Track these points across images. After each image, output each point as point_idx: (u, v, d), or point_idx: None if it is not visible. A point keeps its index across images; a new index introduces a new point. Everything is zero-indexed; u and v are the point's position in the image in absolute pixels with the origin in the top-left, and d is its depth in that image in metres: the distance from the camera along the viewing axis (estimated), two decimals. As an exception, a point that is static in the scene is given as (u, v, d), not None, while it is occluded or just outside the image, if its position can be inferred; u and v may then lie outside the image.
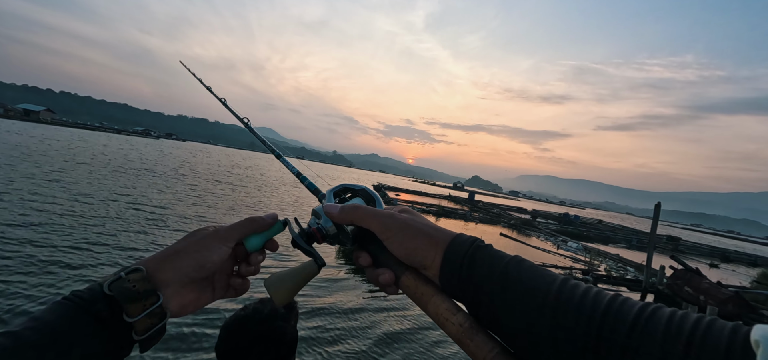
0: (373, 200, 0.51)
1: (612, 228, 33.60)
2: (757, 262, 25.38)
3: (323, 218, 0.48)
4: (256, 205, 13.83)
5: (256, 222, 0.48)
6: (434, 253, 0.41)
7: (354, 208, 0.46)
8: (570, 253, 15.13)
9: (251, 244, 0.48)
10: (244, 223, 0.48)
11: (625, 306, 0.30)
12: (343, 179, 19.20)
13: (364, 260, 0.48)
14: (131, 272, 0.40)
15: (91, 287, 0.39)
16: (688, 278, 9.31)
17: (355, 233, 0.48)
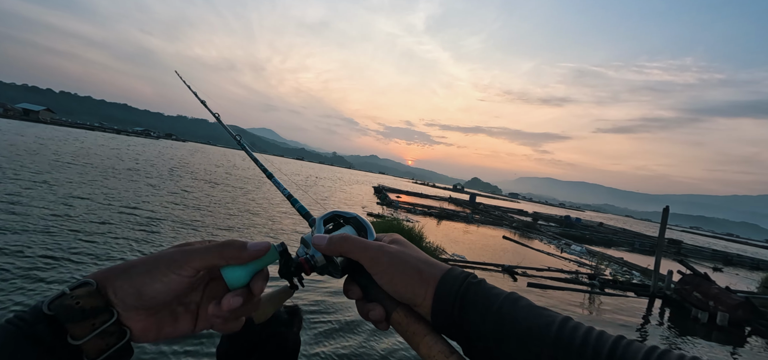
0: (364, 229, 0.48)
1: (614, 231, 33.48)
2: (759, 265, 25.26)
3: (312, 248, 0.45)
4: (244, 215, 13.67)
5: (229, 249, 0.38)
6: (425, 290, 0.39)
7: (343, 239, 0.43)
8: (574, 256, 14.99)
9: (231, 278, 0.39)
10: (212, 248, 0.38)
11: (630, 350, 0.28)
12: (343, 180, 19.04)
13: (353, 294, 0.45)
14: (77, 287, 0.34)
15: (34, 307, 0.33)
16: (697, 283, 9.17)
17: (345, 264, 0.45)
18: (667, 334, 7.38)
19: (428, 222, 17.66)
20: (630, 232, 36.60)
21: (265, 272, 0.41)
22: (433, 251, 8.71)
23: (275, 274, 0.40)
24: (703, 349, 6.73)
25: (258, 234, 8.82)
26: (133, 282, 0.35)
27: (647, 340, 6.78)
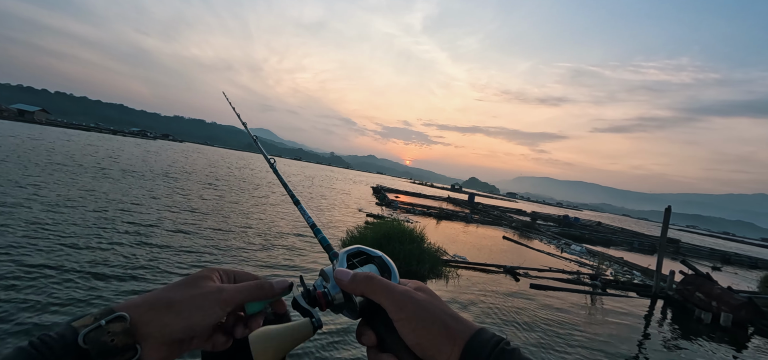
0: (388, 271, 0.46)
1: (613, 230, 33.52)
2: (757, 264, 25.34)
3: (331, 282, 0.43)
4: (259, 226, 13.49)
5: (264, 290, 0.43)
6: (451, 349, 0.36)
7: (368, 278, 0.41)
8: (574, 256, 14.94)
9: (252, 308, 0.44)
10: (251, 288, 0.42)
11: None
12: (341, 180, 18.85)
13: (367, 339, 0.42)
14: (112, 320, 0.34)
15: (62, 333, 0.33)
16: (700, 284, 9.12)
17: (364, 306, 0.42)
18: (670, 335, 7.30)
19: (427, 222, 17.58)
20: (628, 231, 36.68)
21: (281, 302, 0.46)
22: (434, 252, 8.62)
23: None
24: (707, 350, 6.66)
25: (261, 248, 8.69)
26: (183, 316, 0.36)
27: (650, 341, 6.71)
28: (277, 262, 7.26)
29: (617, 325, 7.23)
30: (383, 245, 7.82)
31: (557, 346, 5.59)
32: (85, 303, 4.40)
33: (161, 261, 6.16)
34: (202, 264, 5.94)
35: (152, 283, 5.24)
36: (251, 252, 7.63)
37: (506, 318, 6.34)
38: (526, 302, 7.45)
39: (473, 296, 7.18)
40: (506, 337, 0.35)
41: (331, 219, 13.94)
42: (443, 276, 8.12)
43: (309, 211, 0.58)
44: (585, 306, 8.14)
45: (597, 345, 5.89)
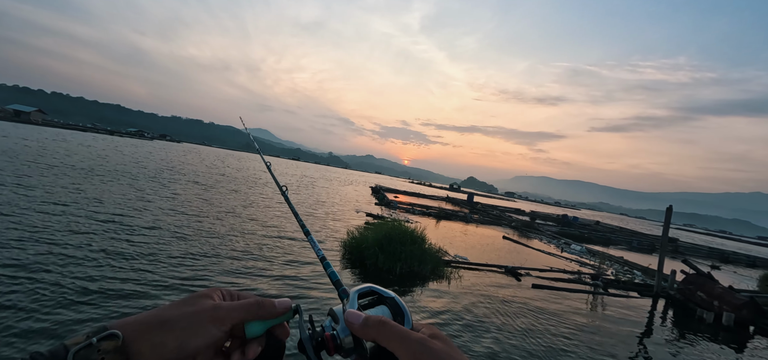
0: (401, 314, 0.42)
1: (611, 229, 33.57)
2: (755, 263, 25.43)
3: (341, 324, 0.40)
4: (253, 230, 13.37)
5: (264, 308, 0.41)
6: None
7: (381, 323, 0.38)
8: (575, 256, 14.92)
9: (252, 330, 0.41)
10: (250, 306, 0.40)
11: None
12: (339, 180, 18.66)
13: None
14: (104, 338, 0.34)
15: (54, 352, 0.33)
16: (701, 283, 9.11)
17: (374, 352, 0.39)
18: (672, 335, 7.27)
19: (427, 222, 17.52)
20: (627, 230, 36.74)
21: (284, 326, 0.43)
22: (435, 253, 8.57)
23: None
24: (709, 350, 6.63)
25: (258, 264, 8.60)
26: (176, 335, 0.35)
27: (653, 341, 6.67)
28: (275, 278, 7.19)
29: (619, 324, 7.18)
30: (384, 246, 7.77)
31: (561, 346, 5.55)
32: (45, 318, 3.91)
33: (131, 273, 5.48)
34: (183, 279, 5.79)
35: (123, 297, 4.88)
36: (246, 264, 7.56)
37: (509, 319, 6.29)
38: (528, 302, 7.40)
39: (476, 297, 7.13)
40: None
41: (330, 220, 13.88)
42: (445, 277, 8.07)
43: (315, 234, 0.52)
44: (587, 306, 8.10)
45: (600, 345, 5.85)
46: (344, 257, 8.30)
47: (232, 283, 5.75)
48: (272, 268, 6.84)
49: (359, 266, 7.73)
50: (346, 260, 8.14)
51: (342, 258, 8.26)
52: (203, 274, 5.88)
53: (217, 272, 6.11)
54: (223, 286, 0.58)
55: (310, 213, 14.66)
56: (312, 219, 13.21)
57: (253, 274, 6.33)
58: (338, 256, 8.39)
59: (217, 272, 6.11)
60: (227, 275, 6.06)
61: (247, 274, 6.31)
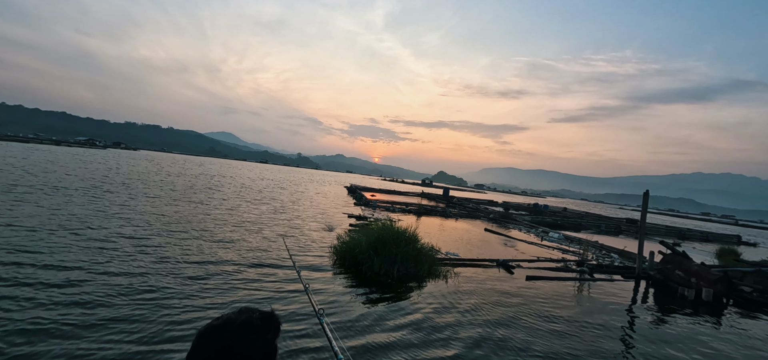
0: None
1: (579, 215, 35.17)
2: (708, 238, 27.58)
3: None
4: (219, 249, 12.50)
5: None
6: None
7: None
8: (554, 243, 15.35)
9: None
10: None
11: None
12: (312, 181, 17.95)
13: None
14: None
15: None
16: (678, 262, 9.57)
17: None
18: (658, 315, 7.53)
19: (408, 219, 17.40)
20: (593, 214, 38.69)
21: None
22: (428, 252, 8.39)
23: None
24: (693, 325, 6.89)
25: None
26: None
27: (641, 321, 6.87)
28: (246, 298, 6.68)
29: (608, 308, 7.36)
30: (379, 249, 7.48)
31: (559, 333, 5.63)
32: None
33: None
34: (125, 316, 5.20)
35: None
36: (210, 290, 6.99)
37: (510, 312, 6.24)
38: (524, 294, 7.42)
39: (475, 294, 7.02)
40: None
41: (314, 224, 13.35)
42: (441, 276, 7.90)
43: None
44: (576, 292, 8.25)
45: (593, 329, 5.98)
46: (336, 264, 7.91)
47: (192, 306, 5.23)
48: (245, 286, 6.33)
49: (354, 272, 7.38)
50: (339, 267, 7.76)
51: (334, 265, 7.87)
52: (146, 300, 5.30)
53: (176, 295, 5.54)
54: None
55: (290, 220, 14.04)
56: (296, 224, 12.63)
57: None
58: (330, 263, 7.98)
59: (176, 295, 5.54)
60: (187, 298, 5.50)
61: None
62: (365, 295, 6.24)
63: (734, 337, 6.54)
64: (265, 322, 0.88)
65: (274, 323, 0.91)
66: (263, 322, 0.88)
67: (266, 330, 0.87)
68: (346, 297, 6.04)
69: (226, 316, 0.86)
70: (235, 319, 0.84)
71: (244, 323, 0.84)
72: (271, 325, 0.89)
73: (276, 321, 0.92)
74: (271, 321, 0.90)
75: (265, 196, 21.59)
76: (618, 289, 8.98)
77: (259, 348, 0.84)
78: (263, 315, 0.90)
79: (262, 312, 0.90)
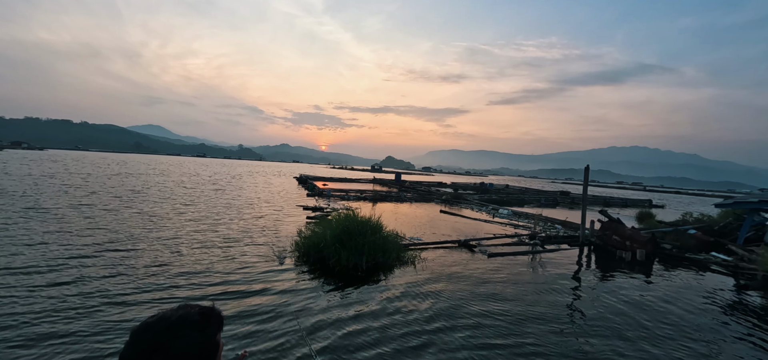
0: None
1: (521, 190, 37.80)
2: (626, 203, 31.29)
3: None
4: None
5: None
6: None
7: None
8: (505, 219, 16.23)
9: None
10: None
11: None
12: (258, 173, 17.03)
13: None
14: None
15: None
16: (614, 228, 10.59)
17: None
18: (600, 275, 8.31)
19: (364, 206, 17.23)
20: (532, 190, 41.85)
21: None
22: (393, 238, 8.28)
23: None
24: (629, 281, 7.70)
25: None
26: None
27: (588, 282, 7.56)
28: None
29: (559, 274, 8.00)
30: (345, 242, 7.18)
31: (522, 300, 6.06)
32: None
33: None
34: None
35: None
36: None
37: (478, 288, 6.47)
38: (488, 270, 7.70)
39: (443, 276, 7.09)
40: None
41: (270, 220, 12.55)
42: (409, 262, 7.86)
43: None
44: (532, 263, 8.79)
45: (550, 293, 6.58)
46: (300, 260, 7.46)
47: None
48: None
49: (321, 268, 7.00)
50: (304, 263, 7.32)
51: (298, 261, 7.41)
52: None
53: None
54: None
55: (243, 216, 13.06)
56: (250, 221, 11.75)
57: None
58: (293, 261, 7.50)
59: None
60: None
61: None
62: (336, 291, 5.95)
63: (663, 286, 7.54)
64: (205, 316, 0.85)
65: (214, 318, 0.88)
66: (202, 316, 0.85)
67: (206, 325, 0.85)
68: (317, 295, 5.69)
69: (162, 312, 0.83)
70: (171, 315, 0.82)
71: (182, 318, 0.82)
72: (211, 320, 0.86)
73: (217, 315, 0.89)
74: (211, 315, 0.87)
75: (205, 194, 19.91)
76: (566, 257, 9.74)
77: (197, 343, 0.81)
78: (203, 309, 0.87)
79: (201, 307, 0.87)
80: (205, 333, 0.84)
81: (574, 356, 4.36)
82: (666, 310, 6.12)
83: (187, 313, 0.84)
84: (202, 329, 0.84)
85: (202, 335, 0.84)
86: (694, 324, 5.63)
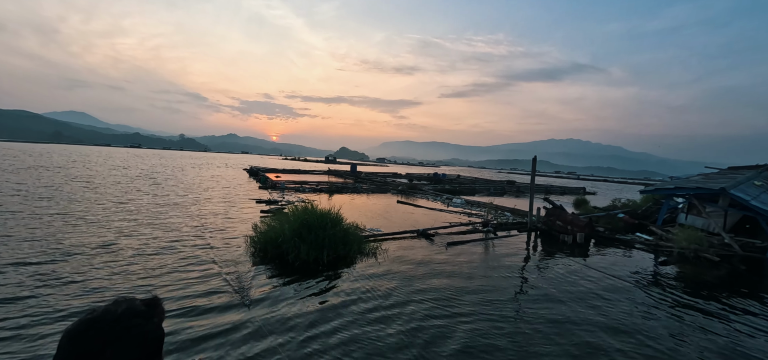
0: None
1: (472, 180, 39.53)
2: (565, 191, 34.11)
3: None
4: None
5: None
6: None
7: None
8: (459, 208, 16.86)
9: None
10: None
11: None
12: (204, 165, 16.12)
13: None
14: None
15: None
16: (558, 214, 11.46)
17: None
18: (545, 257, 9.02)
19: (320, 198, 16.91)
20: (482, 179, 43.96)
21: None
22: (354, 230, 8.18)
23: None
24: (569, 261, 8.48)
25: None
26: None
27: (532, 263, 8.25)
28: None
29: (511, 258, 8.59)
30: (305, 236, 6.95)
31: (479, 284, 6.45)
32: None
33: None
34: None
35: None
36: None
37: (439, 277, 6.66)
38: (447, 258, 7.96)
39: (405, 266, 7.18)
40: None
41: (221, 216, 11.78)
42: (370, 253, 7.83)
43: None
44: (486, 249, 9.26)
45: (503, 276, 7.09)
46: (256, 256, 7.10)
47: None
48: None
49: (279, 264, 6.71)
50: (260, 259, 6.97)
51: (253, 258, 7.04)
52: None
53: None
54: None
55: (189, 212, 12.12)
56: (196, 217, 10.91)
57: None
58: (247, 256, 7.11)
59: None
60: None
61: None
62: (299, 287, 5.74)
63: (597, 263, 8.47)
64: (150, 306, 0.83)
65: (159, 307, 0.86)
66: (148, 306, 0.82)
67: (152, 314, 0.82)
68: (279, 293, 5.44)
69: (102, 307, 0.77)
70: (116, 308, 0.77)
71: (128, 310, 0.78)
72: (156, 309, 0.84)
73: (160, 305, 0.87)
74: (155, 305, 0.85)
75: (141, 190, 18.17)
76: (516, 242, 10.39)
77: (148, 332, 0.78)
78: (145, 300, 0.84)
79: (142, 298, 0.84)
80: (153, 321, 0.82)
81: (521, 318, 5.07)
82: (599, 282, 7.01)
83: (131, 304, 0.80)
84: (150, 318, 0.81)
85: (151, 323, 0.81)
86: (623, 291, 6.58)
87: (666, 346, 4.51)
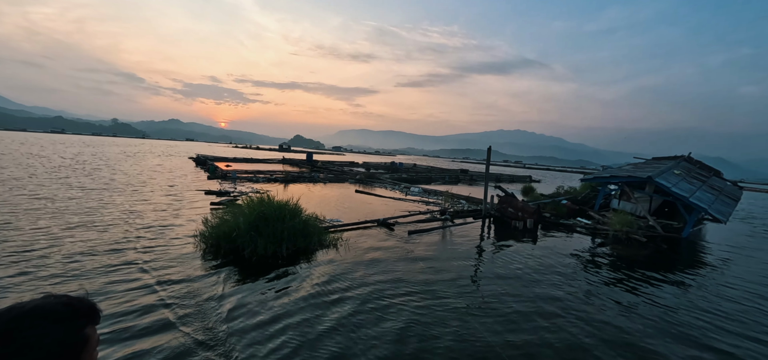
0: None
1: (428, 169, 40.45)
2: (513, 179, 36.18)
3: None
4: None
5: None
6: None
7: None
8: (417, 197, 17.13)
9: None
10: None
11: None
12: (143, 153, 14.97)
13: None
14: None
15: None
16: (509, 201, 12.08)
17: None
18: (498, 242, 9.53)
19: (275, 188, 16.28)
20: (437, 168, 45.16)
21: None
22: (313, 221, 7.93)
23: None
24: (520, 245, 9.07)
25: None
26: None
27: (486, 249, 8.69)
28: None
29: (467, 243, 9.02)
30: (262, 229, 6.60)
31: (437, 269, 6.72)
32: None
33: None
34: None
35: None
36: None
37: (399, 264, 6.74)
38: (406, 246, 8.09)
39: (366, 255, 7.15)
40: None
41: (165, 212, 10.82)
42: (331, 245, 7.66)
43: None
44: (444, 236, 9.53)
45: (459, 260, 7.45)
46: (208, 253, 6.60)
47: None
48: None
49: (234, 259, 6.31)
50: (213, 255, 6.50)
51: (205, 254, 6.54)
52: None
53: None
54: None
55: (126, 206, 10.98)
56: (136, 212, 9.90)
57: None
58: (198, 253, 6.60)
59: None
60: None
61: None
62: (256, 284, 5.43)
63: (545, 247, 9.18)
64: (71, 307, 0.76)
65: (84, 309, 0.78)
66: (68, 307, 0.75)
67: (72, 316, 0.75)
68: (236, 290, 5.11)
69: (18, 302, 0.73)
70: (26, 304, 0.71)
71: (38, 307, 0.71)
72: (79, 312, 0.77)
73: (88, 306, 0.79)
74: (79, 306, 0.77)
75: (68, 182, 16.17)
76: (471, 229, 10.81)
77: (55, 336, 0.70)
78: (70, 300, 0.77)
79: (69, 297, 0.77)
80: (68, 326, 0.74)
81: (476, 296, 5.57)
82: (545, 262, 7.74)
83: (46, 303, 0.73)
84: (64, 321, 0.74)
85: (64, 328, 0.73)
86: (565, 268, 7.39)
87: (596, 309, 5.33)
